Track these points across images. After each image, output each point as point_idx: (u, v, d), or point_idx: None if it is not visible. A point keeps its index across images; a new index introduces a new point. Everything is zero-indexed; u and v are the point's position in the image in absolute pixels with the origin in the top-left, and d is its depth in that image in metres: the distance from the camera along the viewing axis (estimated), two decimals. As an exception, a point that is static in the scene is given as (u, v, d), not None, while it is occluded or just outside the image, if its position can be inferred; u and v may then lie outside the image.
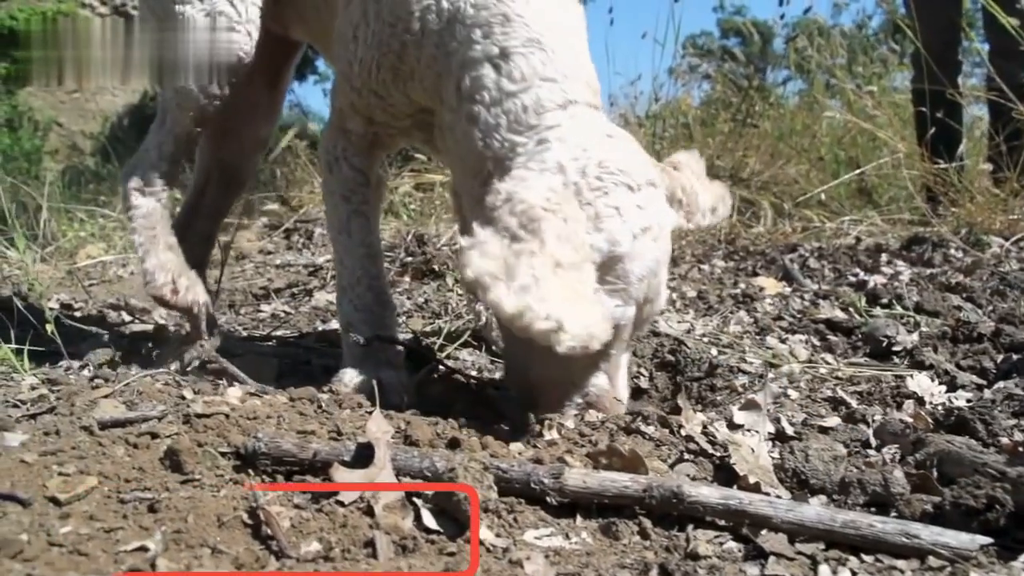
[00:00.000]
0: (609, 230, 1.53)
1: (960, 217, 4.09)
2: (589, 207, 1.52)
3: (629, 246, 1.54)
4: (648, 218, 1.58)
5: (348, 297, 1.88)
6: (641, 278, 1.56)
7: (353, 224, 1.89)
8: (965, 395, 1.93)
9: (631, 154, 1.64)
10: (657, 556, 1.16)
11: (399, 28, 1.75)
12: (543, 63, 1.64)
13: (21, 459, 1.28)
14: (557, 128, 1.60)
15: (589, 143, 1.59)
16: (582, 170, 1.54)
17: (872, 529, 1.17)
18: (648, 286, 1.58)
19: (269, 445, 1.29)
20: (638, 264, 1.56)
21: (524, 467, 1.26)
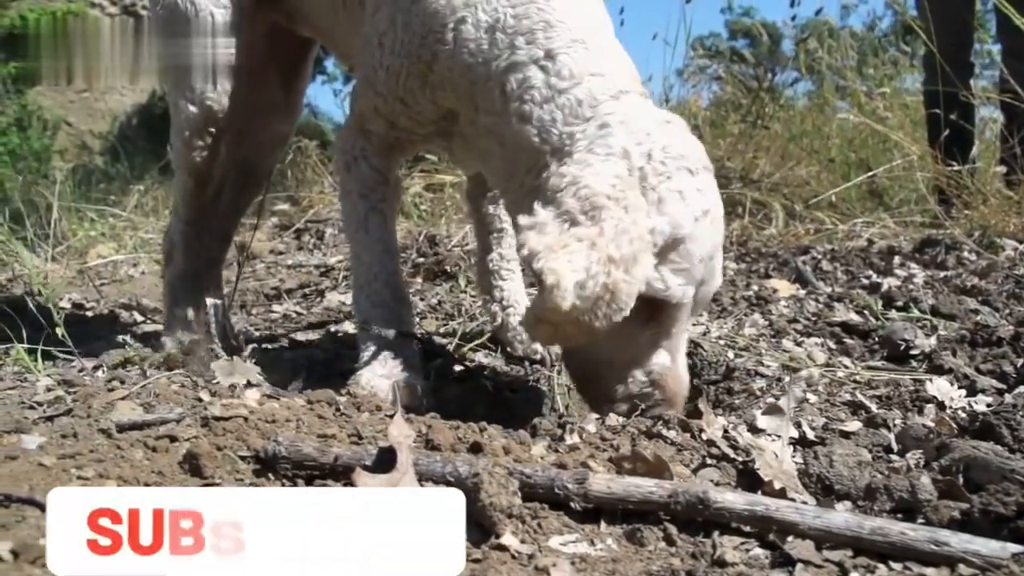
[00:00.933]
0: (672, 213, 1.57)
1: (973, 219, 4.06)
2: (653, 192, 1.57)
3: (691, 228, 1.59)
4: (707, 201, 1.63)
5: (365, 294, 1.87)
6: (702, 259, 1.61)
7: (371, 221, 1.88)
8: (985, 399, 1.91)
9: (688, 139, 1.69)
10: (684, 563, 1.14)
11: (431, 39, 1.77)
12: (588, 60, 1.69)
13: (39, 462, 1.27)
14: (615, 115, 1.64)
15: (651, 128, 1.64)
16: (647, 155, 1.59)
17: (901, 536, 1.15)
18: (707, 267, 1.63)
19: (289, 449, 1.28)
20: (699, 245, 1.60)
21: (548, 472, 1.24)
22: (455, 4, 1.75)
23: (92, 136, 9.49)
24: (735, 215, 4.57)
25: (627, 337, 1.61)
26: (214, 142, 2.28)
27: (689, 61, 6.81)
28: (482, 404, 1.81)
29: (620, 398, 1.68)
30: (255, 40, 2.32)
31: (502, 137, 1.71)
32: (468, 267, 3.25)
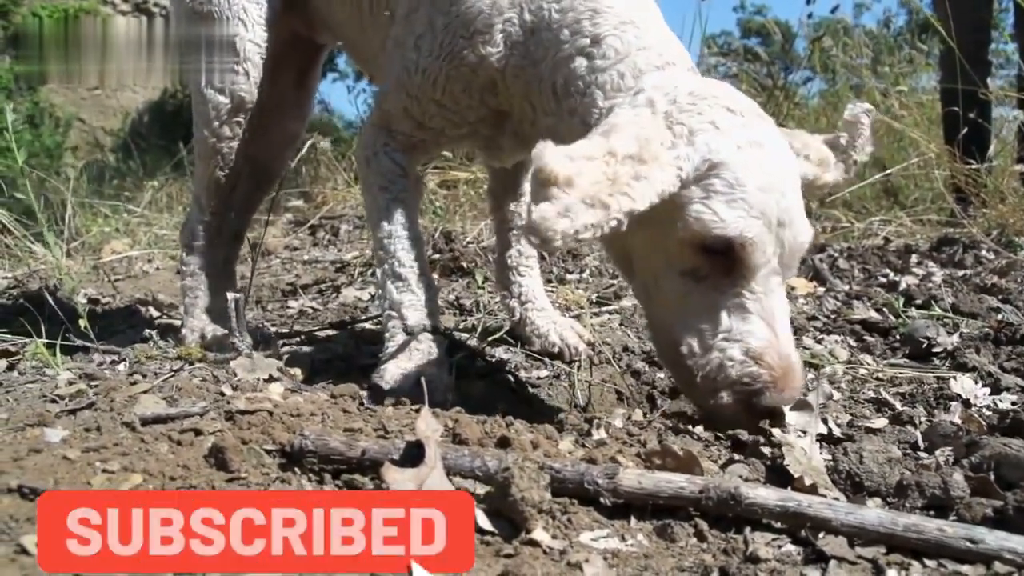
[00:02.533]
0: (703, 141, 1.47)
1: (990, 218, 4.04)
2: (681, 126, 1.48)
3: (731, 155, 1.47)
4: (757, 135, 1.51)
5: (393, 283, 1.85)
6: (762, 188, 1.46)
7: (393, 210, 1.87)
8: (1010, 397, 1.90)
9: (731, 90, 1.61)
10: (716, 559, 1.13)
11: (477, 41, 1.75)
12: (637, 37, 1.65)
13: (64, 456, 1.26)
14: (655, 82, 1.59)
15: (682, 80, 1.58)
16: (673, 99, 1.52)
17: (936, 533, 1.13)
18: (778, 204, 1.48)
19: (316, 443, 1.27)
20: (751, 174, 1.47)
21: (577, 467, 1.23)
22: (501, 4, 1.73)
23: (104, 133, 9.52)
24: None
25: (707, 302, 1.49)
26: (241, 132, 2.30)
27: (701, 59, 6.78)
28: (504, 399, 1.79)
29: (721, 385, 1.50)
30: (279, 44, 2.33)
31: (559, 135, 1.63)
32: (484, 263, 3.24)
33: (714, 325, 1.51)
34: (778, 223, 1.48)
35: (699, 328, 1.52)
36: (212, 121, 2.25)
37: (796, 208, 1.52)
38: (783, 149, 1.57)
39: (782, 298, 1.54)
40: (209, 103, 2.24)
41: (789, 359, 1.49)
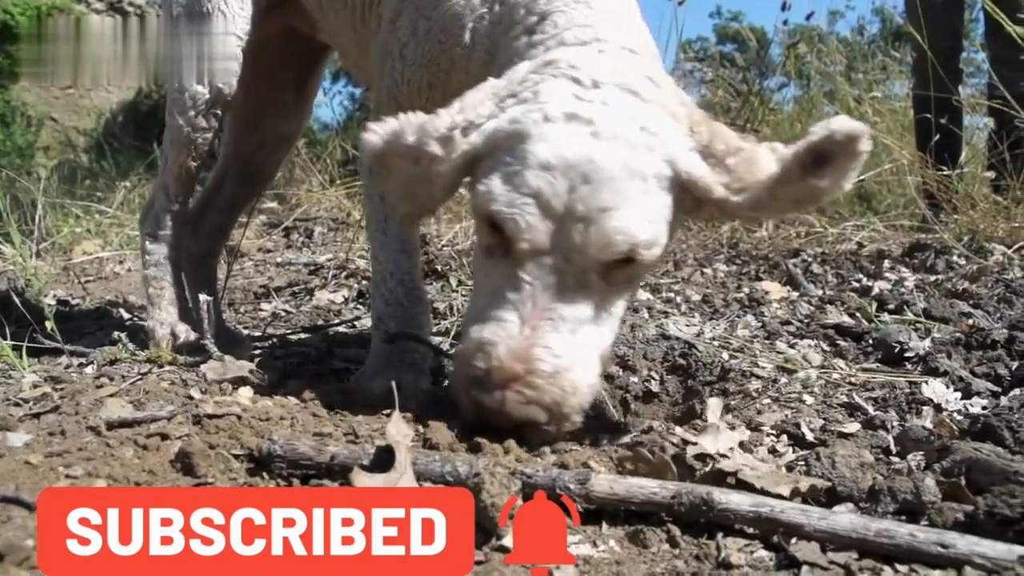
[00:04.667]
0: (512, 110, 1.38)
1: (962, 224, 4.08)
2: (511, 98, 1.41)
3: (531, 127, 1.34)
4: (589, 111, 1.35)
5: (380, 292, 1.86)
6: (547, 166, 1.31)
7: (390, 222, 1.86)
8: (981, 402, 1.90)
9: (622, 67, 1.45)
10: (688, 565, 1.12)
11: (449, 43, 1.73)
12: (584, 16, 1.56)
13: (26, 460, 1.24)
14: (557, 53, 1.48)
15: (581, 54, 1.46)
16: (533, 69, 1.44)
17: (908, 538, 1.13)
18: (569, 191, 1.31)
19: (285, 447, 1.25)
20: (544, 148, 1.32)
21: (549, 472, 1.22)
22: (474, 2, 1.68)
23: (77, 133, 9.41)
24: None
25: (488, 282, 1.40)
26: (218, 125, 2.27)
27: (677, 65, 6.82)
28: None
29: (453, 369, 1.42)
30: (268, 39, 2.31)
31: None
32: (459, 266, 3.22)
33: (481, 305, 1.42)
34: (566, 212, 1.32)
35: (474, 306, 1.47)
36: (188, 111, 2.21)
37: (608, 204, 1.32)
38: (629, 134, 1.36)
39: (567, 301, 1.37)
40: (187, 92, 2.21)
41: (527, 362, 1.33)
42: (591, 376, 1.41)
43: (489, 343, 1.34)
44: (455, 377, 1.42)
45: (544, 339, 1.34)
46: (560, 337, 1.35)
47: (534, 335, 1.34)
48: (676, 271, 3.68)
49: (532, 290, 1.35)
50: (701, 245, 4.17)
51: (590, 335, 1.40)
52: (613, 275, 1.39)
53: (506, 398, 1.33)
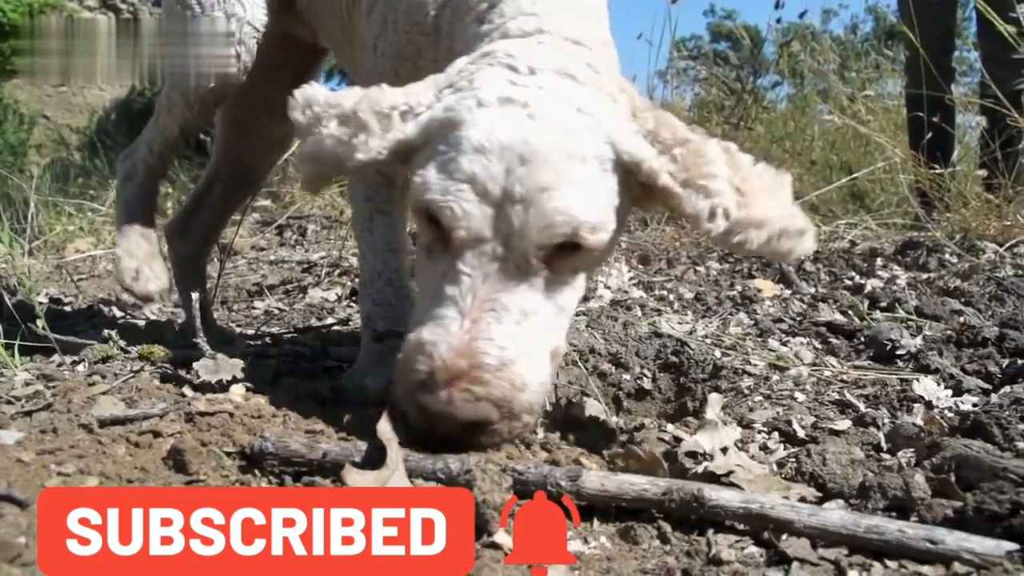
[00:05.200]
0: (446, 99, 1.35)
1: (954, 222, 4.09)
2: (448, 88, 1.38)
3: (465, 113, 1.31)
4: (525, 95, 1.31)
5: (368, 292, 1.85)
6: (481, 149, 1.27)
7: (376, 221, 1.85)
8: (971, 399, 1.91)
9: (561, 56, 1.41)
10: (679, 561, 1.13)
11: (414, 33, 1.71)
12: (532, 4, 1.51)
13: (18, 458, 1.23)
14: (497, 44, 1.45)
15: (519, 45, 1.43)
16: (471, 60, 1.42)
17: (897, 534, 1.14)
18: (506, 172, 1.26)
19: (276, 445, 1.26)
20: (477, 132, 1.28)
21: (540, 469, 1.22)
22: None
23: (70, 131, 9.39)
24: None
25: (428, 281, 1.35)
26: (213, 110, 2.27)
27: (670, 63, 6.82)
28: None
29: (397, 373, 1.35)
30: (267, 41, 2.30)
31: None
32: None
33: (422, 308, 1.36)
34: (503, 196, 1.27)
35: (416, 310, 1.40)
36: (188, 92, 2.18)
37: (547, 184, 1.27)
38: (566, 116, 1.32)
39: (510, 290, 1.30)
40: (190, 71, 2.17)
41: (471, 357, 1.26)
42: (540, 372, 1.33)
43: (430, 343, 1.27)
44: (399, 385, 1.33)
45: (487, 331, 1.27)
46: (504, 328, 1.28)
47: (476, 328, 1.27)
48: (669, 269, 3.68)
49: (472, 282, 1.29)
50: (694, 243, 4.17)
51: (537, 327, 1.32)
52: (558, 264, 1.33)
53: (453, 398, 1.25)
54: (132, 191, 2.33)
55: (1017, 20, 4.13)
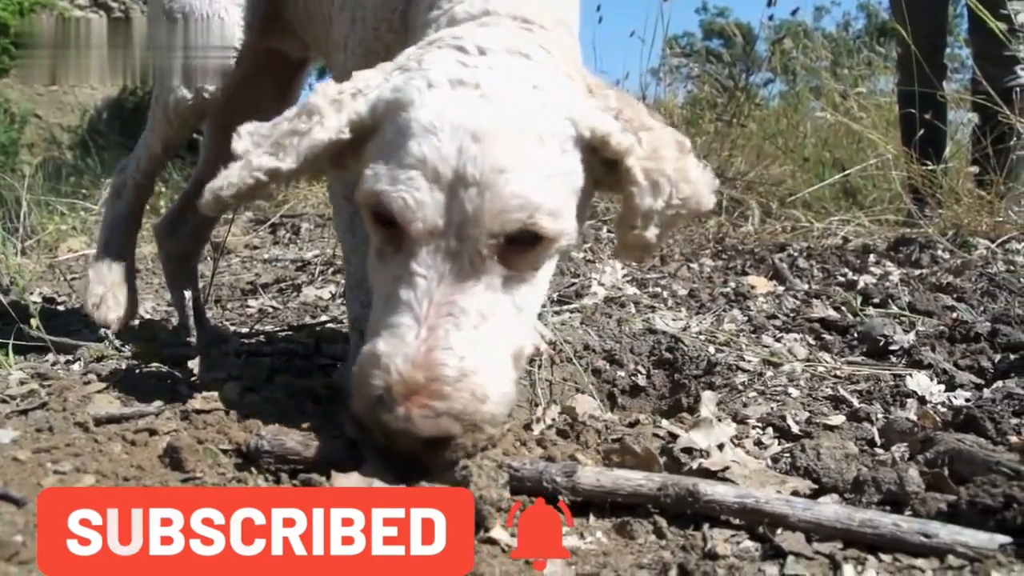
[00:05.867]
0: (394, 81, 1.30)
1: (946, 219, 4.11)
2: (397, 71, 1.33)
3: (417, 95, 1.25)
4: (475, 75, 1.26)
5: (356, 294, 1.83)
6: (432, 129, 1.21)
7: (357, 222, 1.84)
8: (964, 394, 1.92)
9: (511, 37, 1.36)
10: (675, 556, 1.13)
11: (382, 30, 1.68)
12: None
13: (14, 457, 1.24)
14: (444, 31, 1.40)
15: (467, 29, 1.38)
16: (417, 47, 1.38)
17: (891, 528, 1.15)
18: (459, 152, 1.20)
19: (272, 443, 1.26)
20: (427, 113, 1.22)
21: (536, 465, 1.23)
22: None
23: (61, 129, 9.35)
24: (711, 212, 4.59)
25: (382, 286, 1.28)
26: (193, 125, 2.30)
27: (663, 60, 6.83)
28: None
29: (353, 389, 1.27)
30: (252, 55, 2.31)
31: None
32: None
33: (376, 316, 1.29)
34: (456, 178, 1.20)
35: (371, 319, 1.32)
36: (169, 111, 2.23)
37: (502, 165, 1.20)
38: (520, 94, 1.26)
39: (467, 291, 1.23)
40: (172, 92, 2.21)
41: (428, 368, 1.18)
42: (503, 379, 1.25)
43: (385, 355, 1.19)
44: (356, 401, 1.25)
45: (445, 339, 1.19)
46: (463, 335, 1.20)
47: (433, 337, 1.19)
48: (663, 266, 3.69)
49: (427, 284, 1.21)
50: (687, 240, 4.18)
51: (497, 330, 1.25)
52: (515, 259, 1.26)
53: (411, 414, 1.17)
54: (117, 212, 2.38)
55: (1008, 17, 4.15)
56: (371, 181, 1.24)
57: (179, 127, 2.26)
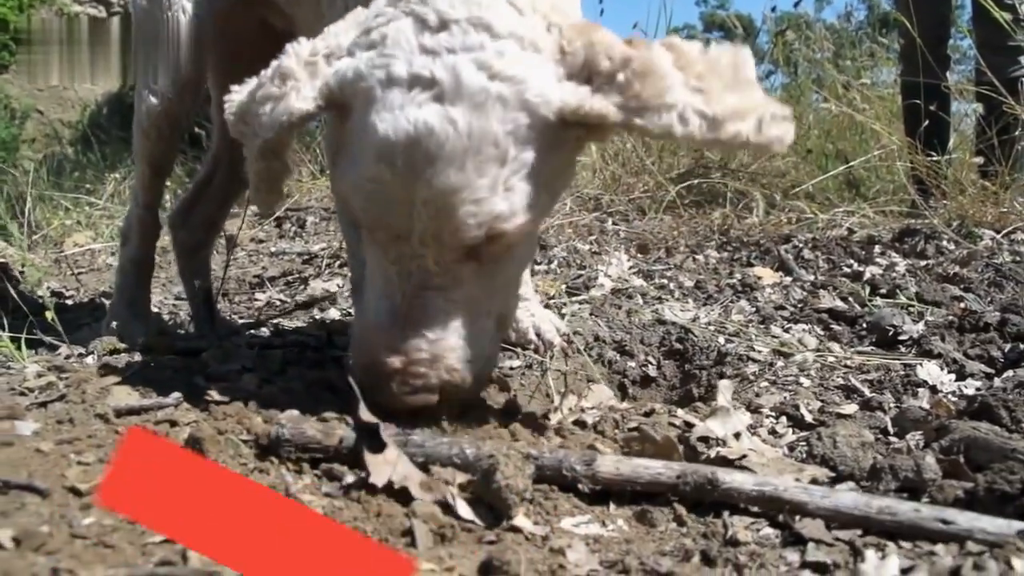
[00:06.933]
0: (361, 56, 1.30)
1: (951, 210, 4.11)
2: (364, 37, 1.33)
3: (379, 91, 1.27)
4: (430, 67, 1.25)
5: (360, 287, 1.85)
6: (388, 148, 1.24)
7: None
8: (975, 384, 1.93)
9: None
10: (696, 543, 1.14)
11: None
12: None
13: (37, 448, 1.24)
14: None
15: None
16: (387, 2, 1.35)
17: (910, 515, 1.16)
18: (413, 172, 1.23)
19: (293, 432, 1.26)
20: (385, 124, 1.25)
21: (556, 454, 1.24)
22: None
23: (62, 125, 9.35)
24: (716, 204, 4.60)
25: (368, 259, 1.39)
26: (170, 135, 2.30)
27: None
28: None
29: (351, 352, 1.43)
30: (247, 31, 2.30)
31: None
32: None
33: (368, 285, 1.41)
34: (413, 198, 1.25)
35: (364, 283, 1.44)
36: (143, 122, 2.26)
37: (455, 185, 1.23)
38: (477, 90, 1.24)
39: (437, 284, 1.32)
40: (143, 104, 2.24)
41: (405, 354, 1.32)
42: (476, 350, 1.37)
43: (365, 339, 1.36)
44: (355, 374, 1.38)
45: (418, 327, 1.31)
46: (435, 319, 1.32)
47: (407, 325, 1.32)
48: (668, 257, 3.69)
49: (399, 277, 1.32)
50: (692, 231, 4.18)
51: (470, 305, 1.35)
52: (484, 253, 1.32)
53: (394, 392, 1.33)
54: (126, 256, 2.44)
55: (1012, 6, 4.14)
56: (339, 182, 1.33)
57: (156, 139, 2.27)
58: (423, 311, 1.31)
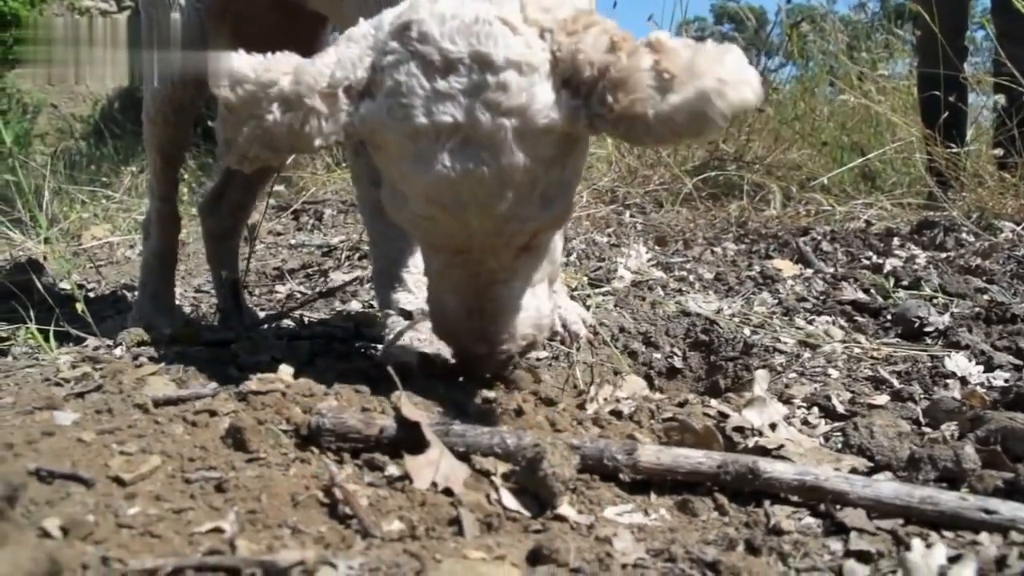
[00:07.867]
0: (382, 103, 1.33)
1: (970, 202, 4.09)
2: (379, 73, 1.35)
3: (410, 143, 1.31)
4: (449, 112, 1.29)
5: (384, 279, 1.84)
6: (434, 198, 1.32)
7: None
8: (1004, 375, 1.93)
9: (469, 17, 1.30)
10: (739, 532, 1.14)
11: None
12: None
13: (79, 438, 1.24)
14: None
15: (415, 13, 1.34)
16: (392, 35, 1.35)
17: (952, 505, 1.16)
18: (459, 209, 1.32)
19: (334, 421, 1.27)
20: (425, 179, 1.32)
21: (597, 444, 1.24)
22: None
23: (74, 119, 9.37)
24: (732, 196, 4.59)
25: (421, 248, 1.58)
26: (177, 121, 2.29)
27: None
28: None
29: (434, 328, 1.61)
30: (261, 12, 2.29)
31: None
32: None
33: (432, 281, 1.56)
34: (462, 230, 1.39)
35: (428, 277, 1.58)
36: (150, 111, 2.27)
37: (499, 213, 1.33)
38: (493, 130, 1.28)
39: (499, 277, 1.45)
40: (150, 94, 2.24)
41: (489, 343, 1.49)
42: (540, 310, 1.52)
43: (454, 332, 1.52)
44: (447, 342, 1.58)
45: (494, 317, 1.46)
46: (505, 306, 1.46)
47: (484, 316, 1.46)
48: (686, 250, 3.69)
49: (467, 278, 1.44)
50: (709, 224, 4.17)
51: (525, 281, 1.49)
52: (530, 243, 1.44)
53: (485, 368, 1.57)
54: (148, 250, 2.47)
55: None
56: (395, 214, 1.44)
57: (163, 124, 2.27)
58: (494, 303, 1.45)
